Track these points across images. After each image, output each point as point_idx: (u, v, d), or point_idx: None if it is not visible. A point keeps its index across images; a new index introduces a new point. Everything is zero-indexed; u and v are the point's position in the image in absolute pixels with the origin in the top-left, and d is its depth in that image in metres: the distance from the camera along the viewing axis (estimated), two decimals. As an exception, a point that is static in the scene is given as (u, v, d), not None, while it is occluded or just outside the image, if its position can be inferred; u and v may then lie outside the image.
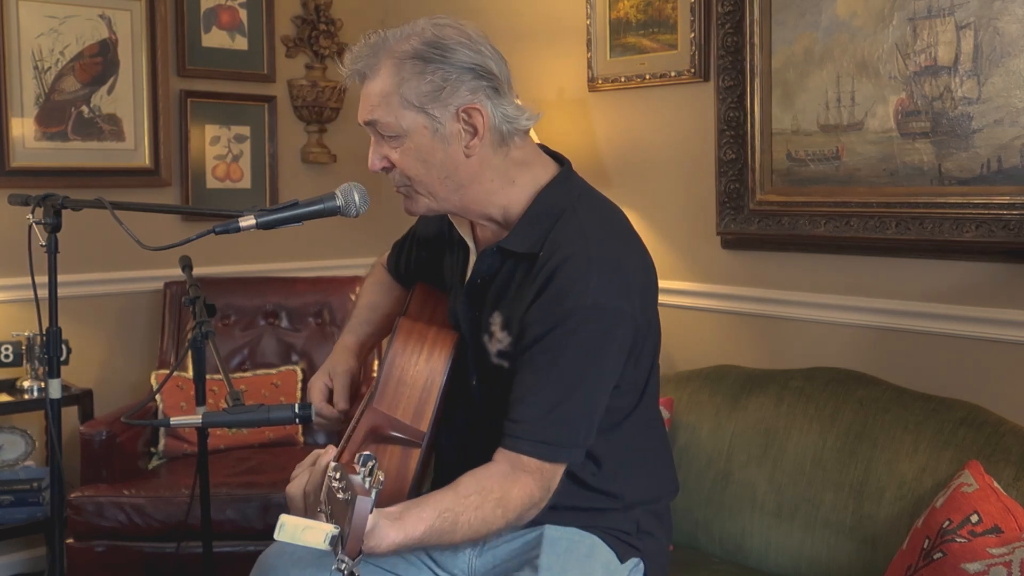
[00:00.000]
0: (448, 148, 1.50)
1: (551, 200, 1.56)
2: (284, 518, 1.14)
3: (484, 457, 1.52)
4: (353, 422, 1.64)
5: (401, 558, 1.65)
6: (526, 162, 1.58)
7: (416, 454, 1.54)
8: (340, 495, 1.17)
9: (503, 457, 1.47)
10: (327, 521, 1.19)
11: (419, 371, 1.57)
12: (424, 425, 1.54)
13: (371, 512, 1.15)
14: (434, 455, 1.74)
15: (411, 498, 1.54)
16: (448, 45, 1.48)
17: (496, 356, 1.58)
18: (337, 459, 1.40)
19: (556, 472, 1.50)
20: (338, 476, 1.20)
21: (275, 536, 1.14)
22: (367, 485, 1.15)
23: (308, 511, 1.34)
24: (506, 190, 1.56)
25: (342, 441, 1.60)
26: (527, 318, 1.50)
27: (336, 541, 1.14)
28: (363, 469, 1.17)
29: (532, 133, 1.62)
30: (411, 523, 1.33)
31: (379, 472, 1.17)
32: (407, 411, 1.55)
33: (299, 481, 1.38)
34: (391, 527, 1.30)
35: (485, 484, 1.42)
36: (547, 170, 1.60)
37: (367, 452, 1.18)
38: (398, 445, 1.55)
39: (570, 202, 1.56)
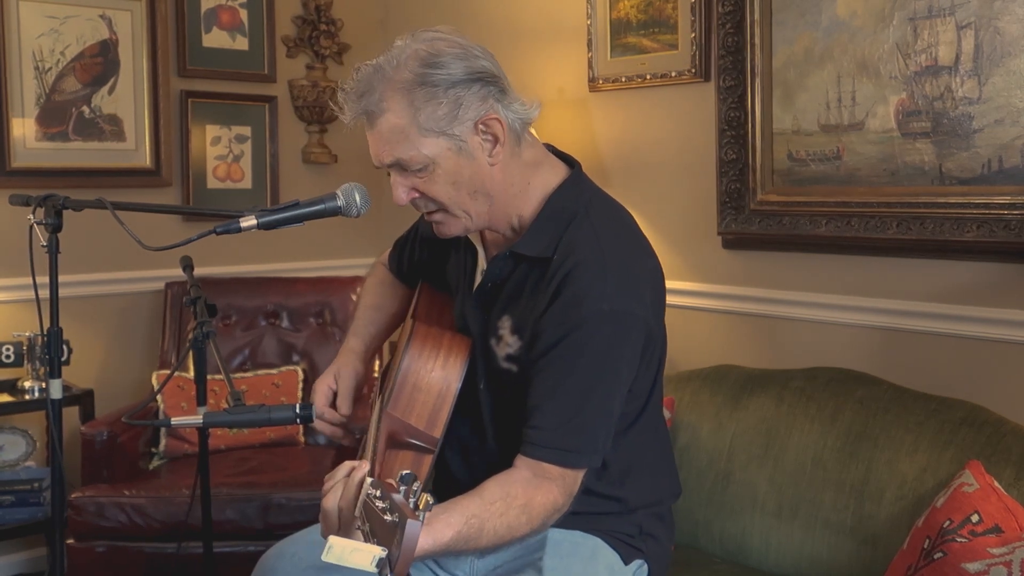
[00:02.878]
0: (474, 163, 1.49)
1: (562, 203, 1.55)
2: (333, 540, 1.13)
3: (486, 459, 1.52)
4: (372, 429, 1.63)
5: (402, 558, 1.65)
6: (537, 163, 1.57)
7: (428, 460, 1.54)
8: (387, 517, 1.15)
9: (525, 464, 1.46)
10: (366, 538, 1.19)
11: (435, 377, 1.56)
12: (438, 432, 1.54)
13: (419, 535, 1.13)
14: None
15: None
16: (446, 61, 1.45)
17: (504, 360, 1.57)
18: (371, 472, 1.39)
19: (578, 477, 1.50)
20: (379, 494, 1.19)
21: (322, 558, 1.13)
22: (411, 505, 1.15)
23: (342, 527, 1.33)
24: (523, 194, 1.55)
25: (369, 451, 1.59)
26: (541, 323, 1.49)
27: (383, 564, 1.14)
28: (404, 488, 1.15)
29: (533, 132, 1.61)
30: (440, 529, 1.32)
31: (425, 495, 1.16)
32: (421, 417, 1.54)
33: (333, 495, 1.36)
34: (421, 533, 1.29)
35: (510, 491, 1.42)
36: (556, 172, 1.60)
37: (408, 471, 1.17)
38: (411, 451, 1.54)
39: (582, 205, 1.55)
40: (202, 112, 3.61)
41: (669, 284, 2.88)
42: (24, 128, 3.24)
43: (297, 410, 1.65)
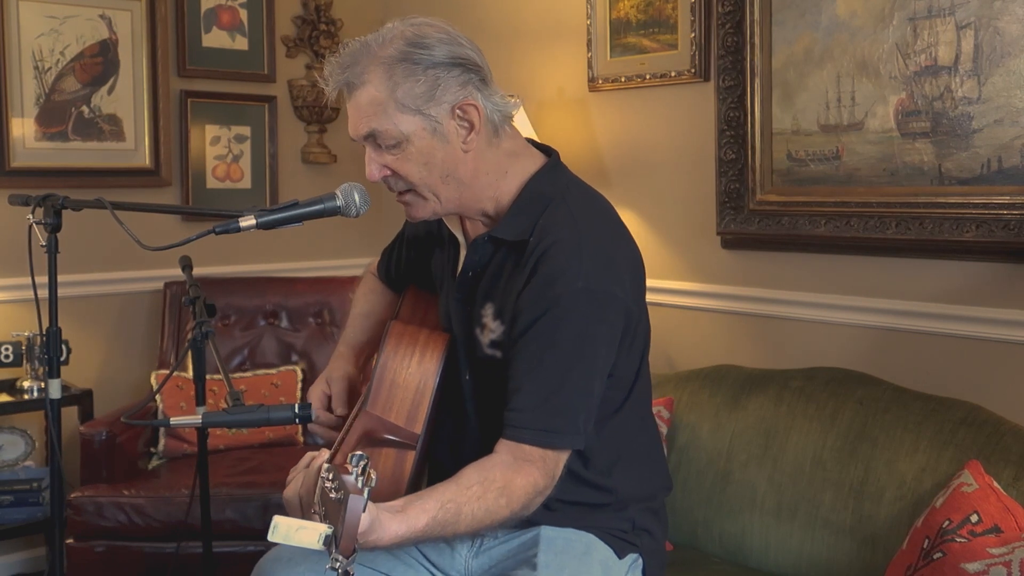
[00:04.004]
0: (447, 146, 1.51)
1: (540, 188, 1.57)
2: (277, 519, 1.15)
3: (475, 451, 1.52)
4: (346, 426, 1.64)
5: (398, 560, 1.65)
6: (516, 153, 1.59)
7: (411, 456, 1.54)
8: (333, 495, 1.17)
9: (505, 447, 1.47)
10: (322, 522, 1.19)
11: (411, 374, 1.57)
12: (418, 427, 1.54)
13: (364, 510, 1.15)
14: (427, 460, 1.73)
15: None
16: (431, 43, 1.48)
17: (488, 346, 1.58)
18: (330, 461, 1.40)
19: (559, 459, 1.50)
20: (331, 477, 1.20)
21: (269, 537, 1.14)
22: (359, 484, 1.16)
23: (304, 513, 1.34)
24: (499, 182, 1.57)
25: (335, 444, 1.60)
26: (519, 304, 1.51)
27: (330, 540, 1.15)
28: (355, 468, 1.17)
29: (529, 129, 1.62)
30: (413, 515, 1.33)
31: (372, 471, 1.17)
32: (400, 414, 1.55)
33: (294, 485, 1.38)
34: (393, 519, 1.30)
35: (487, 475, 1.42)
36: (535, 160, 1.61)
37: (359, 452, 1.18)
38: (392, 448, 1.55)
39: (559, 190, 1.57)
40: (201, 112, 3.61)
41: (668, 284, 2.92)
42: (24, 128, 3.24)
43: (296, 410, 1.65)
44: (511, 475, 1.43)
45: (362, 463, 1.17)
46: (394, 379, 1.56)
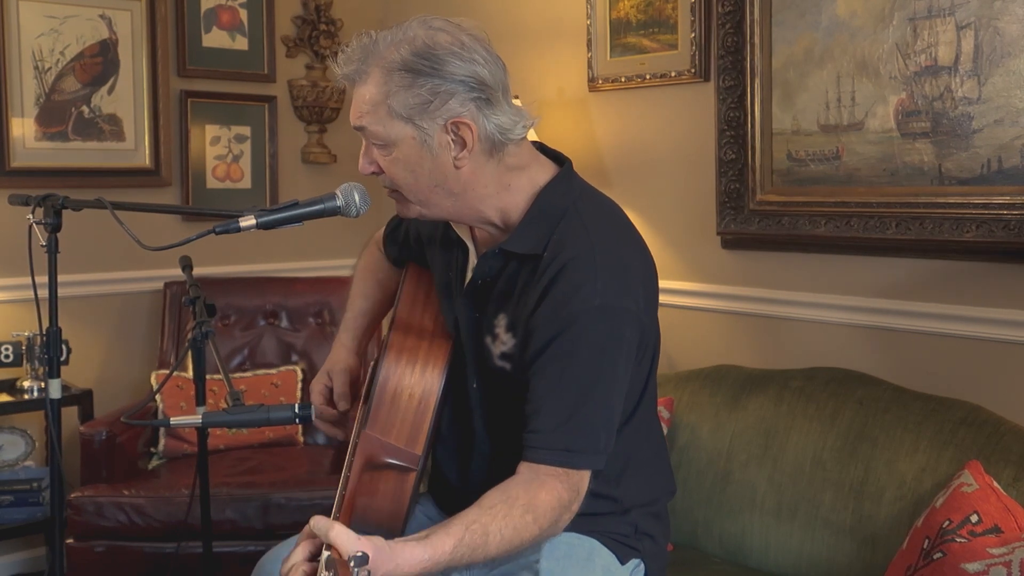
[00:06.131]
0: (436, 159, 1.48)
1: (552, 200, 1.54)
2: None
3: (480, 460, 1.51)
4: (348, 455, 1.61)
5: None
6: (522, 166, 1.55)
7: (412, 477, 1.52)
8: None
9: (526, 468, 1.44)
10: None
11: (413, 392, 1.54)
12: (419, 448, 1.52)
13: None
14: (429, 464, 1.72)
15: (407, 519, 1.53)
16: (439, 56, 1.44)
17: (499, 358, 1.56)
18: (339, 495, 1.36)
19: (583, 477, 1.47)
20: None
21: None
22: None
23: None
24: (501, 195, 1.54)
25: (342, 479, 1.57)
26: (533, 321, 1.48)
27: None
28: (357, 570, 1.13)
29: (531, 131, 1.59)
30: (439, 540, 1.29)
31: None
32: (401, 434, 1.52)
33: (293, 559, 1.32)
34: (417, 546, 1.27)
35: (510, 493, 1.40)
36: (545, 170, 1.58)
37: (360, 553, 1.14)
38: (392, 471, 1.52)
39: (571, 201, 1.54)
40: (202, 112, 3.61)
41: (668, 284, 2.92)
42: (24, 128, 3.24)
43: (296, 410, 1.64)
44: (535, 491, 1.41)
45: (365, 566, 1.13)
46: (395, 398, 1.53)
